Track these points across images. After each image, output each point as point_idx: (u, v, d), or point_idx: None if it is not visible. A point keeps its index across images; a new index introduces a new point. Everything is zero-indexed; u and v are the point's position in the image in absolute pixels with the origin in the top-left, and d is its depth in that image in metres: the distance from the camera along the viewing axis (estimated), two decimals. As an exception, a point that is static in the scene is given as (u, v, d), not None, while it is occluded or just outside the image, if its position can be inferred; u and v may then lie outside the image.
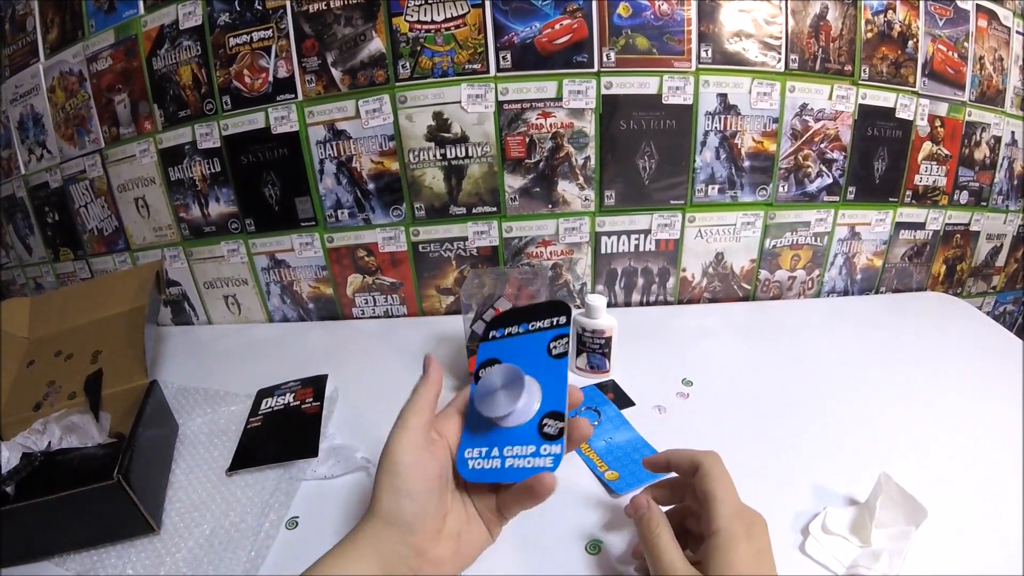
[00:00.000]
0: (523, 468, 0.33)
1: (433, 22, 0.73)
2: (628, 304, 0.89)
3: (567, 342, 0.37)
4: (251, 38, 0.76)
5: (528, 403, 0.35)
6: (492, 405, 0.34)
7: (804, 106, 0.79)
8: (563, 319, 0.38)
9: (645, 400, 0.63)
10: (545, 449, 0.33)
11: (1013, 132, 0.88)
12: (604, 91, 0.75)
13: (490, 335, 0.40)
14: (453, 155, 0.78)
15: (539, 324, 0.38)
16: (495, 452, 0.34)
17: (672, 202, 0.82)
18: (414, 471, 0.33)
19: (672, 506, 0.42)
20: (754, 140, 0.79)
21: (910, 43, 0.80)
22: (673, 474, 0.42)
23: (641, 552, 0.39)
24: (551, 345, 0.37)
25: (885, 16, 0.78)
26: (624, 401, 0.63)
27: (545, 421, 0.34)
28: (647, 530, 0.37)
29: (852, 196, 0.85)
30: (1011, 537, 0.44)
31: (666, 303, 0.89)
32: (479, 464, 0.34)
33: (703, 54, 0.75)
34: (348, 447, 0.56)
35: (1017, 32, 0.84)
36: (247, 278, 0.88)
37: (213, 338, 0.87)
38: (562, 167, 0.79)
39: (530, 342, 0.38)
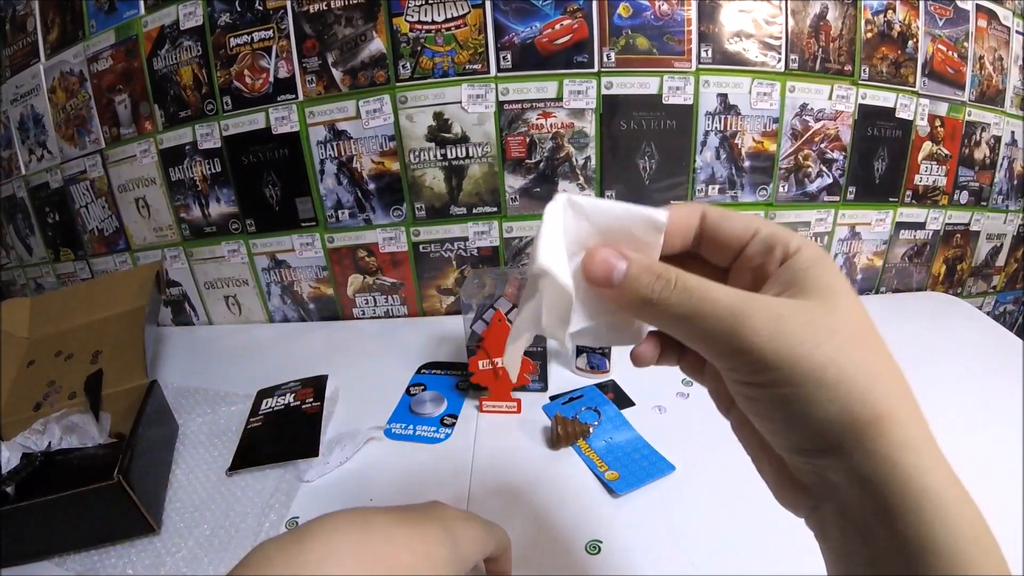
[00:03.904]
0: (426, 437, 0.59)
1: (433, 22, 0.73)
2: (628, 304, 0.88)
3: (466, 385, 0.65)
4: (252, 38, 0.76)
5: (439, 407, 0.63)
6: (423, 406, 0.63)
7: (804, 106, 0.79)
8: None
9: (645, 400, 0.63)
10: (441, 431, 0.60)
11: (1013, 132, 0.88)
12: (604, 91, 0.75)
13: (420, 370, 0.71)
14: (454, 155, 0.78)
15: (454, 372, 0.70)
16: (411, 427, 0.61)
17: (672, 202, 0.81)
18: None
19: None
20: (754, 140, 0.79)
21: (910, 43, 0.80)
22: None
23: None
24: (458, 383, 0.67)
25: (885, 16, 0.78)
26: (624, 401, 0.63)
27: (445, 418, 0.62)
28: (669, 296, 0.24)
29: (852, 196, 0.85)
30: (1011, 537, 0.44)
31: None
32: (397, 430, 0.60)
33: (703, 54, 0.75)
34: (348, 431, 0.58)
35: (1017, 32, 0.84)
36: (248, 278, 0.88)
37: (213, 338, 0.87)
38: (563, 167, 0.79)
39: (445, 379, 0.69)
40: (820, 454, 0.22)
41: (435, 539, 0.29)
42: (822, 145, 0.81)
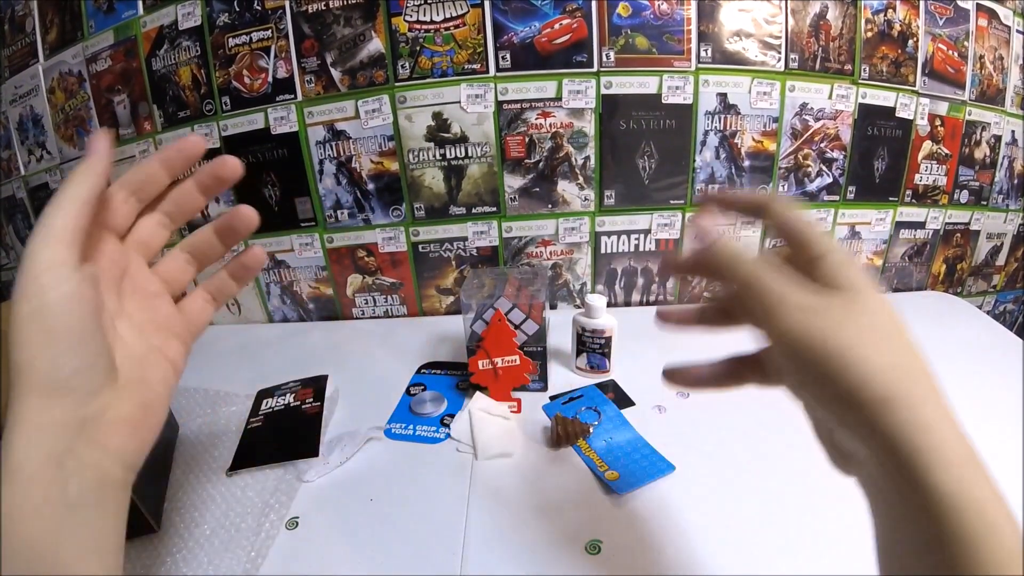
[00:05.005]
0: (426, 437, 0.59)
1: (432, 22, 0.73)
2: (628, 304, 0.89)
3: (466, 385, 0.65)
4: (250, 38, 0.76)
5: (439, 407, 0.63)
6: (423, 406, 0.63)
7: (804, 105, 0.79)
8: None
9: (645, 400, 0.63)
10: (441, 431, 0.60)
11: (1013, 131, 0.88)
12: (604, 91, 0.75)
13: (420, 370, 0.72)
14: (453, 155, 0.78)
15: (454, 372, 0.70)
16: (411, 427, 0.60)
17: (672, 202, 0.82)
18: (67, 305, 0.25)
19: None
20: (754, 139, 0.79)
21: (910, 42, 0.80)
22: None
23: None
24: (458, 383, 0.67)
25: (885, 15, 0.78)
26: (624, 401, 0.63)
27: (445, 418, 0.62)
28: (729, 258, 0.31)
29: (852, 195, 0.85)
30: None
31: (667, 303, 0.89)
32: (397, 430, 0.60)
33: (703, 53, 0.75)
34: (348, 431, 0.59)
35: (1017, 31, 0.84)
36: (247, 278, 0.88)
37: (213, 338, 0.87)
38: (562, 167, 0.79)
39: (445, 379, 0.70)
40: (844, 427, 0.26)
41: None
42: (822, 144, 0.81)
